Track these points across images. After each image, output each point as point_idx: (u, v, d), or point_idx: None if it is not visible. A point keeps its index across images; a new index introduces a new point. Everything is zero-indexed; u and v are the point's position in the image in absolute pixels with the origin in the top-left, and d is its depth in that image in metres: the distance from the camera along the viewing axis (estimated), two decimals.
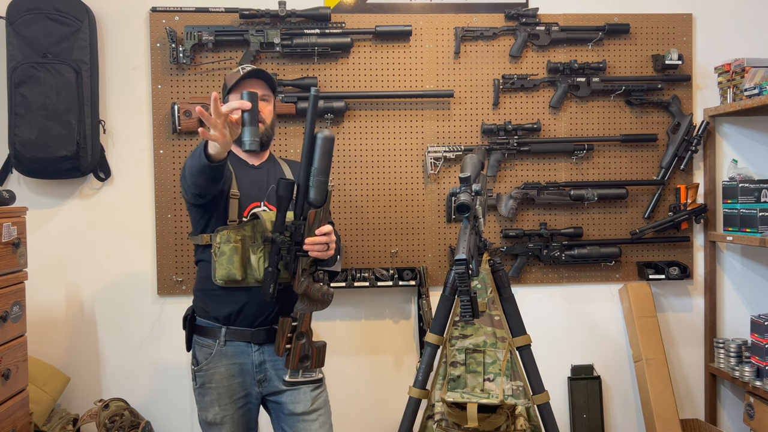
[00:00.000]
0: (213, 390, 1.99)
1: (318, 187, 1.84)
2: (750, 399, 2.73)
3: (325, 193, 1.86)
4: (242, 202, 2.01)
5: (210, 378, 1.99)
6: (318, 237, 1.86)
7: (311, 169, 1.83)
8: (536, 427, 2.38)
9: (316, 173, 1.83)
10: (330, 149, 1.84)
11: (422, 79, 2.89)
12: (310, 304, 1.92)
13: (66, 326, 2.80)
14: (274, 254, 1.88)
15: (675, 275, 2.89)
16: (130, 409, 2.67)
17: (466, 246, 1.79)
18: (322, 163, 1.83)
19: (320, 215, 1.87)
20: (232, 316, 1.99)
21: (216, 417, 1.99)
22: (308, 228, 1.87)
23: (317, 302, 1.93)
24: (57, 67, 2.60)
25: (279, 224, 1.87)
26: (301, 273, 1.90)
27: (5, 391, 2.09)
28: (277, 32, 2.74)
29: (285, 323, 1.91)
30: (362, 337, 2.91)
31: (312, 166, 1.83)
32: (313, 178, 1.84)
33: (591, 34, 2.91)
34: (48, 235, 2.77)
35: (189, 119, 2.73)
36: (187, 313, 2.09)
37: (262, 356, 2.01)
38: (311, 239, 1.86)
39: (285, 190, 1.86)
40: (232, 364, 2.00)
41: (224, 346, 1.99)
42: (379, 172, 2.88)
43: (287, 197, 1.87)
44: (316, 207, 1.86)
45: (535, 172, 2.94)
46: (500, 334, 2.47)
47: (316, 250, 1.87)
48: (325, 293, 1.92)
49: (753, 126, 3.04)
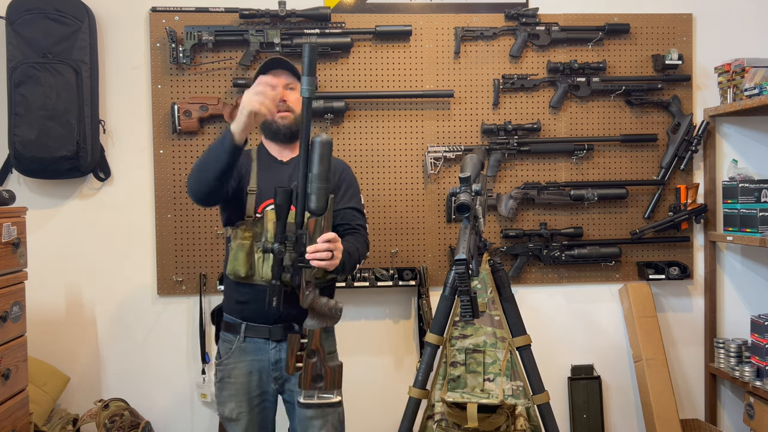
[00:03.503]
0: (231, 385, 2.00)
1: (318, 194, 1.76)
2: (750, 399, 2.73)
3: (326, 199, 1.78)
4: (259, 198, 2.00)
5: (229, 373, 2.01)
6: (320, 244, 1.77)
7: (309, 176, 1.77)
8: (536, 427, 2.38)
9: (315, 179, 1.76)
10: (328, 153, 1.77)
11: (422, 79, 2.89)
12: (319, 319, 1.82)
13: (66, 326, 2.80)
14: (276, 266, 1.82)
15: (675, 275, 2.89)
16: (130, 409, 2.67)
17: (466, 246, 1.79)
18: (321, 169, 1.76)
19: (321, 223, 1.80)
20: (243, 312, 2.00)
21: (232, 413, 2.00)
22: (309, 237, 1.79)
23: (326, 317, 1.83)
24: (57, 67, 2.60)
25: (279, 234, 1.81)
26: (306, 285, 1.80)
27: (5, 391, 2.09)
28: (277, 32, 2.74)
29: (293, 340, 1.81)
30: (362, 337, 2.91)
31: (310, 172, 1.77)
32: (312, 185, 1.76)
33: (591, 34, 2.91)
34: (48, 235, 2.77)
35: (189, 119, 2.73)
36: (215, 309, 2.12)
37: (279, 354, 1.99)
38: (312, 247, 1.77)
39: (282, 198, 1.81)
40: (251, 360, 2.00)
41: (243, 341, 2.00)
42: (379, 172, 2.88)
43: (285, 206, 1.81)
44: (317, 215, 1.79)
45: (535, 172, 2.94)
46: (500, 334, 2.47)
47: (319, 259, 1.77)
48: (332, 308, 1.83)
49: (753, 126, 3.04)
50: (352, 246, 1.97)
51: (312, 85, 1.78)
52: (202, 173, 1.88)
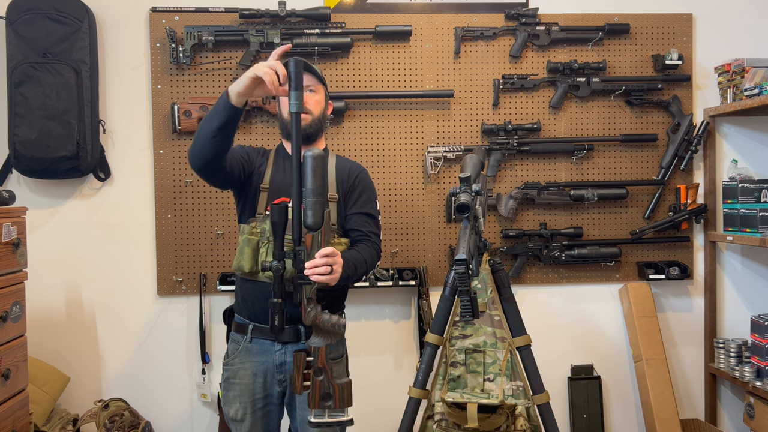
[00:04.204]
0: (236, 386, 2.01)
1: (313, 209, 1.74)
2: (750, 399, 2.73)
3: (321, 214, 1.76)
4: (271, 195, 2.01)
5: (234, 373, 2.02)
6: (318, 260, 1.73)
7: (303, 191, 1.75)
8: (536, 427, 2.38)
9: (309, 194, 1.74)
10: (321, 167, 1.76)
11: (422, 79, 2.89)
12: (323, 336, 1.79)
13: (66, 326, 2.80)
14: (276, 284, 1.80)
15: (675, 275, 2.89)
16: (130, 409, 2.67)
17: (466, 246, 1.79)
18: (314, 183, 1.74)
19: (318, 238, 1.76)
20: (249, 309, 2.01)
21: (237, 413, 2.01)
22: (306, 253, 1.76)
23: (329, 333, 1.79)
24: (57, 67, 2.60)
25: (277, 251, 1.80)
26: (307, 302, 1.77)
27: (5, 391, 2.09)
28: (277, 32, 2.74)
29: (299, 358, 1.77)
30: (362, 337, 2.91)
31: (304, 187, 1.75)
32: (307, 200, 1.75)
33: (591, 34, 2.91)
34: (48, 235, 2.77)
35: (189, 119, 2.73)
36: (226, 309, 2.15)
37: (284, 356, 1.99)
38: (310, 262, 1.73)
39: (278, 215, 1.79)
40: (256, 362, 2.00)
41: (250, 342, 2.01)
42: (379, 172, 2.88)
43: (281, 222, 1.79)
44: (313, 230, 1.75)
45: (535, 172, 2.94)
46: (500, 334, 2.47)
47: (318, 274, 1.73)
48: (335, 324, 1.79)
49: (753, 126, 3.04)
50: (358, 257, 1.93)
51: (299, 99, 1.79)
52: (199, 132, 1.86)
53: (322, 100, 2.09)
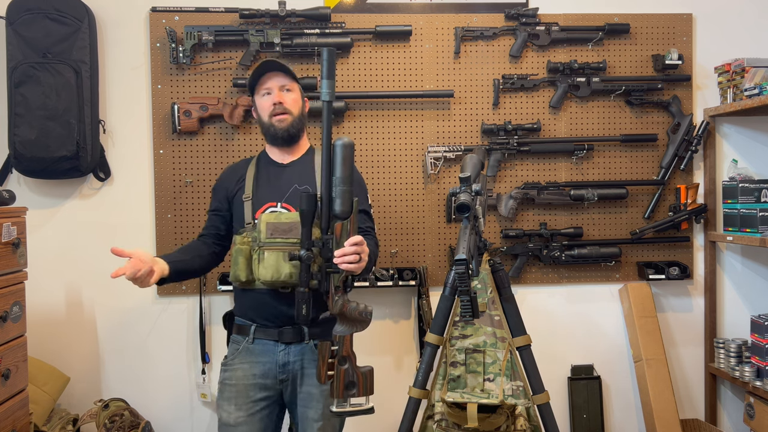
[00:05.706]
0: (232, 387, 1.99)
1: (342, 198, 1.75)
2: (750, 399, 2.73)
3: (351, 202, 1.76)
4: (255, 204, 2.01)
5: (231, 375, 2.01)
6: (348, 248, 1.74)
7: (333, 179, 1.76)
8: (536, 427, 2.38)
9: (339, 183, 1.75)
10: (350, 156, 1.77)
11: (422, 79, 2.89)
12: (349, 325, 1.78)
13: (66, 326, 2.80)
14: (304, 273, 1.79)
15: (675, 275, 2.89)
16: (130, 409, 2.67)
17: (466, 246, 1.79)
18: (344, 172, 1.75)
19: (347, 227, 1.77)
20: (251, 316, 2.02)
21: (230, 417, 1.97)
22: (336, 242, 1.77)
23: (356, 322, 1.78)
24: (57, 67, 2.60)
25: (305, 240, 1.80)
26: (335, 291, 1.77)
27: (5, 391, 2.09)
28: (277, 32, 2.74)
29: (324, 347, 1.77)
30: (362, 337, 2.89)
31: (334, 176, 1.76)
32: (336, 189, 1.75)
33: (591, 34, 2.91)
34: (48, 235, 2.77)
35: (189, 119, 2.73)
36: (226, 313, 2.15)
37: (287, 357, 1.99)
38: (340, 251, 1.74)
39: (307, 203, 1.79)
40: (256, 362, 2.00)
41: (252, 343, 2.00)
42: (379, 172, 2.88)
43: (310, 211, 1.79)
44: (342, 219, 1.77)
45: (535, 172, 2.94)
46: (500, 334, 2.47)
47: (347, 263, 1.74)
48: (362, 311, 1.77)
49: (753, 126, 3.04)
50: (374, 249, 1.96)
51: (331, 88, 1.79)
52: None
53: (299, 99, 2.10)
